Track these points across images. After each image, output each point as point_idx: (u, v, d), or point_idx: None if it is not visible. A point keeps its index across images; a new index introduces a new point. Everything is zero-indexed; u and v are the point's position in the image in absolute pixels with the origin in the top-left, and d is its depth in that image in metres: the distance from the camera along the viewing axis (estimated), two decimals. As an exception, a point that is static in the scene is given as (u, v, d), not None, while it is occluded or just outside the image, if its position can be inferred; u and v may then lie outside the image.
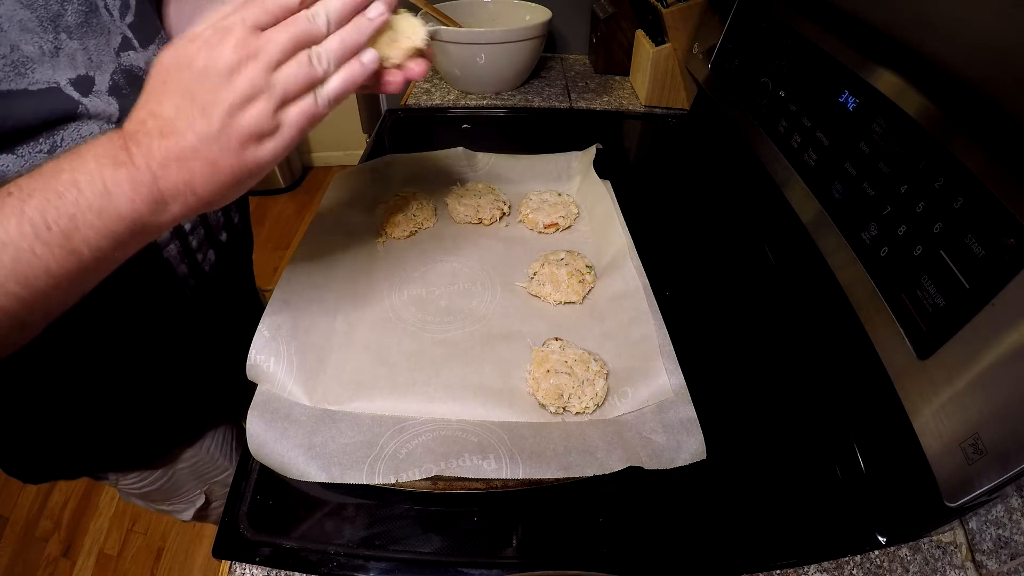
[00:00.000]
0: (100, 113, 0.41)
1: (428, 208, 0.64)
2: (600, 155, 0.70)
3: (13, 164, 0.37)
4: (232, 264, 0.59)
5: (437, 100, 0.98)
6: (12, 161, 0.37)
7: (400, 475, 0.38)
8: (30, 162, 0.38)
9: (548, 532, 0.38)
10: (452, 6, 1.00)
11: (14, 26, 0.36)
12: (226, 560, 0.36)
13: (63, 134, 0.39)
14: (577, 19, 1.13)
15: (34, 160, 0.38)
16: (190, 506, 0.70)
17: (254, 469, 0.41)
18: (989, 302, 0.33)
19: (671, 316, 0.49)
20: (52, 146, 0.39)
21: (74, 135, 0.40)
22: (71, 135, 0.40)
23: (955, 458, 0.33)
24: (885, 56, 0.48)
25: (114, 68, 0.42)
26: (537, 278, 0.55)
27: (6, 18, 0.35)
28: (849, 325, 0.45)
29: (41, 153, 0.38)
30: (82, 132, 0.40)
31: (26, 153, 0.38)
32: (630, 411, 0.43)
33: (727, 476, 0.41)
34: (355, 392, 0.44)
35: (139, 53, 0.45)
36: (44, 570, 1.21)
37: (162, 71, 0.30)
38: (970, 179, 0.36)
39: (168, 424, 0.59)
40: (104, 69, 0.42)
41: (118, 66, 0.43)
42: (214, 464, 0.67)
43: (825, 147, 0.52)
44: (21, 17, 0.36)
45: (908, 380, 0.38)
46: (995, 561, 0.36)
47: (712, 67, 0.80)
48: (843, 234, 0.48)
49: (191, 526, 1.27)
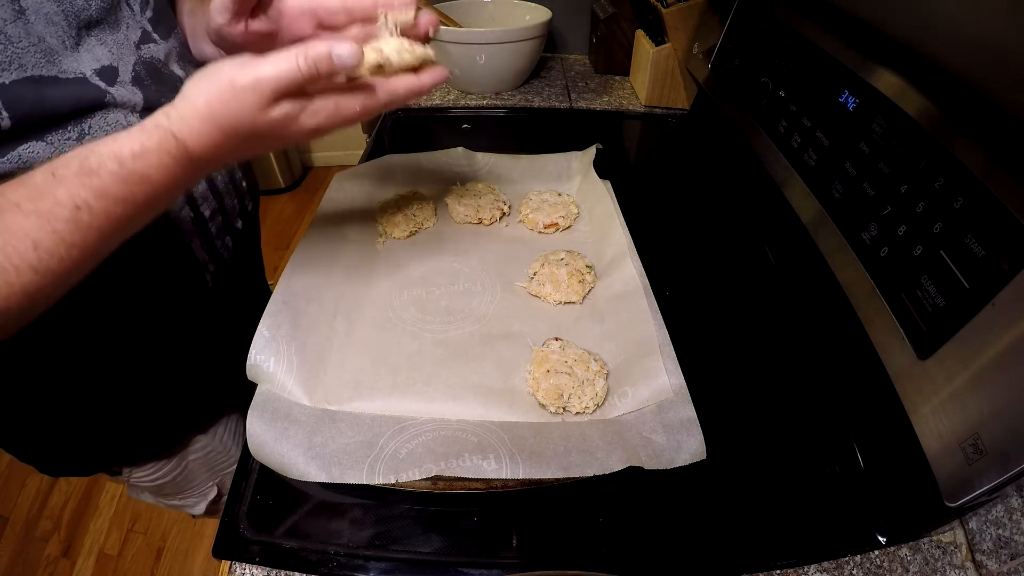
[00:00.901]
0: (126, 102, 0.42)
1: (428, 208, 0.64)
2: (600, 155, 0.70)
3: (43, 151, 0.38)
4: (246, 252, 0.60)
5: (437, 100, 0.98)
6: (42, 148, 0.38)
7: (400, 475, 0.38)
8: (59, 150, 0.39)
9: (548, 532, 0.38)
10: (452, 6, 1.00)
11: (40, 18, 0.36)
12: (226, 560, 0.36)
13: (91, 122, 0.40)
14: (577, 19, 1.13)
15: (63, 148, 0.39)
16: (202, 499, 0.70)
17: (254, 469, 0.41)
18: (989, 302, 0.33)
19: (671, 316, 0.49)
20: (80, 134, 0.39)
21: (101, 123, 0.40)
22: (98, 123, 0.40)
23: (955, 458, 0.33)
24: (885, 56, 0.48)
25: (135, 60, 0.43)
26: (537, 278, 0.55)
27: (33, 10, 0.36)
28: (849, 325, 0.45)
29: (70, 141, 0.39)
30: (108, 120, 0.41)
31: (55, 141, 0.38)
32: (630, 411, 0.43)
33: (727, 476, 0.41)
34: (355, 392, 0.44)
35: (158, 46, 0.46)
36: (44, 570, 1.21)
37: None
38: (970, 179, 0.36)
39: (182, 412, 0.60)
40: (126, 61, 0.42)
41: (138, 58, 0.44)
42: (227, 453, 0.67)
43: (825, 147, 0.52)
44: (48, 10, 0.37)
45: (908, 380, 0.38)
46: (995, 561, 0.36)
47: (712, 67, 0.80)
48: (843, 234, 0.48)
49: (191, 526, 1.27)
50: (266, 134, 0.35)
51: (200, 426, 0.63)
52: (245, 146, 0.35)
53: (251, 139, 0.35)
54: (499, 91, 1.00)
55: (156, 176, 0.32)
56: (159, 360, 0.52)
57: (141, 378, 0.52)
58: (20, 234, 0.28)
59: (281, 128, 0.35)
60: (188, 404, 0.60)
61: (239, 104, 0.33)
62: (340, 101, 0.36)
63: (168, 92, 0.46)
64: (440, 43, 0.91)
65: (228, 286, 0.55)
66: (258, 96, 0.33)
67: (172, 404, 0.57)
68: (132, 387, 0.52)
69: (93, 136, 0.40)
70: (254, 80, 0.32)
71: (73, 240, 0.30)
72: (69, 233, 0.30)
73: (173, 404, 0.57)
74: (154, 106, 0.44)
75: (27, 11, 0.35)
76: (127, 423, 0.55)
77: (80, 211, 0.30)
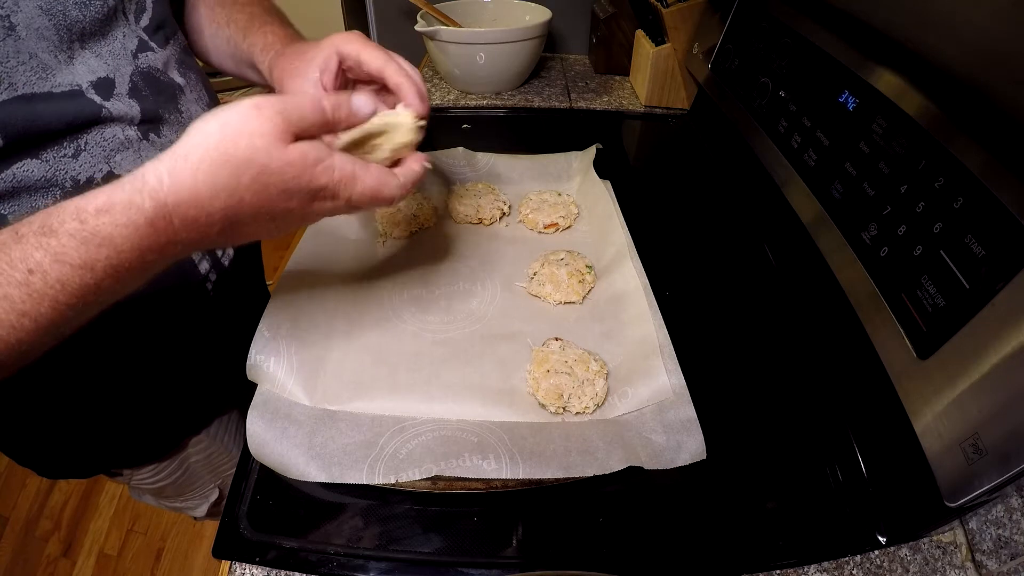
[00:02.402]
0: (123, 115, 0.41)
1: (428, 208, 0.64)
2: (600, 155, 0.70)
3: (38, 169, 0.37)
4: (246, 256, 0.60)
5: (437, 100, 0.98)
6: (37, 166, 0.37)
7: (400, 475, 0.38)
8: (55, 167, 0.38)
9: (548, 532, 0.38)
10: (452, 6, 1.00)
11: (32, 34, 0.35)
12: (226, 560, 0.36)
13: (87, 138, 0.39)
14: (577, 19, 1.13)
15: (59, 165, 0.38)
16: (203, 501, 0.70)
17: (254, 469, 0.41)
18: (989, 302, 0.33)
19: (671, 316, 0.49)
20: (76, 150, 0.39)
21: (97, 138, 0.40)
22: (95, 138, 0.40)
23: (955, 458, 0.33)
24: (885, 56, 0.48)
25: (132, 70, 0.43)
26: (537, 278, 0.55)
27: (24, 26, 0.35)
28: (849, 325, 0.45)
29: (66, 158, 0.38)
30: (105, 135, 0.40)
31: (51, 158, 0.38)
32: (630, 411, 0.43)
33: (727, 476, 0.41)
34: (355, 392, 0.44)
35: (156, 54, 0.45)
36: (44, 570, 1.21)
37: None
38: (970, 179, 0.36)
39: (181, 414, 0.60)
40: (122, 72, 0.42)
41: (135, 68, 0.43)
42: (228, 455, 0.67)
43: (825, 147, 0.52)
44: (39, 25, 0.36)
45: (908, 380, 0.38)
46: (995, 561, 0.36)
47: (712, 67, 0.80)
48: (843, 234, 0.48)
49: (191, 526, 1.27)
50: (282, 180, 0.29)
51: (200, 428, 0.63)
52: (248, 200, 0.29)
53: (257, 187, 0.29)
54: (499, 91, 1.00)
55: (120, 238, 0.27)
56: (158, 363, 0.52)
57: (140, 381, 0.52)
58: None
59: (293, 177, 0.30)
60: (187, 406, 0.60)
61: (260, 127, 0.28)
62: (357, 169, 0.32)
63: (166, 102, 0.46)
64: (440, 43, 0.91)
65: (228, 290, 0.55)
66: (282, 121, 0.29)
67: (171, 406, 0.57)
68: (131, 390, 0.52)
69: (90, 152, 0.39)
70: (281, 105, 0.29)
71: (24, 308, 0.26)
72: (20, 300, 0.26)
73: (172, 406, 0.57)
74: (152, 119, 0.44)
75: (17, 27, 0.34)
76: (126, 425, 0.55)
77: (32, 275, 0.26)
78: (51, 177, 0.38)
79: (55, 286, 0.26)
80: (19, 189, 0.37)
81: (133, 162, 0.43)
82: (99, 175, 0.41)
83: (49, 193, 0.39)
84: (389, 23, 1.31)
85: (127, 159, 0.42)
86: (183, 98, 0.48)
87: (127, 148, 0.42)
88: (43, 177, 0.38)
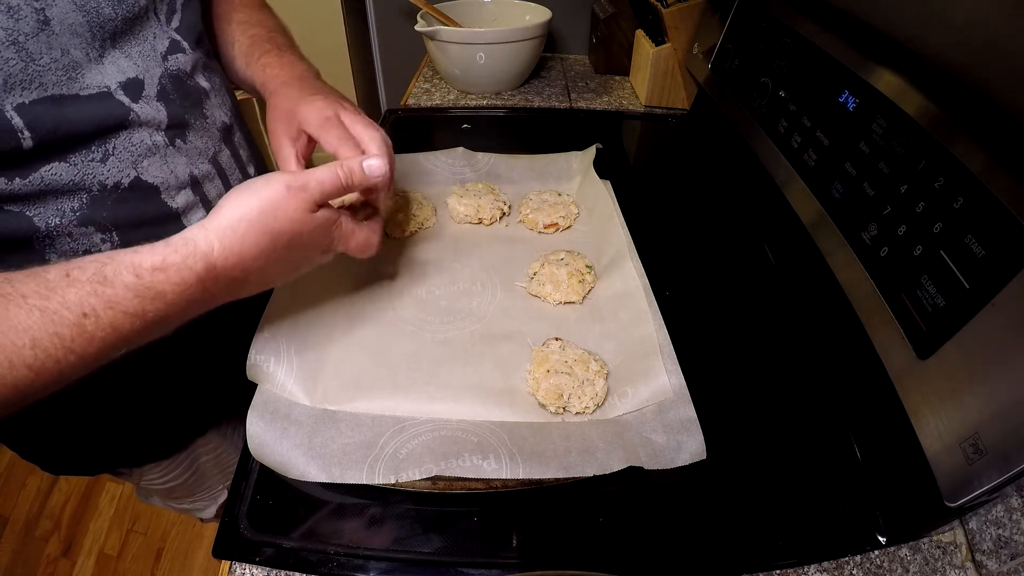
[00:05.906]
0: (150, 120, 0.41)
1: (428, 208, 0.64)
2: (600, 155, 0.70)
3: (67, 173, 0.37)
4: None
5: (437, 100, 0.98)
6: (65, 170, 0.37)
7: (400, 475, 0.38)
8: (83, 171, 0.38)
9: (548, 532, 0.38)
10: (452, 6, 1.00)
11: (65, 29, 0.35)
12: (226, 560, 0.36)
13: (115, 142, 0.40)
14: (577, 19, 1.13)
15: (87, 169, 0.38)
16: (212, 503, 0.69)
17: (254, 469, 0.41)
18: (989, 302, 0.33)
19: (671, 316, 0.49)
20: (104, 154, 0.39)
21: (125, 143, 0.40)
22: (123, 143, 0.40)
23: (955, 458, 0.33)
24: (885, 56, 0.48)
25: (161, 72, 0.43)
26: (537, 278, 0.55)
27: (58, 20, 0.35)
28: (849, 325, 0.45)
29: (94, 162, 0.38)
30: (133, 140, 0.41)
31: (79, 161, 0.38)
32: (630, 411, 0.43)
33: (727, 476, 0.41)
34: (355, 392, 0.44)
35: (187, 56, 0.45)
36: (44, 570, 1.21)
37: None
38: (970, 179, 0.36)
39: (186, 413, 0.60)
40: (152, 73, 0.42)
41: (165, 70, 0.43)
42: (238, 453, 0.66)
43: (825, 147, 0.52)
44: (73, 21, 0.36)
45: (908, 380, 0.38)
46: (995, 561, 0.36)
47: (712, 67, 0.80)
48: (843, 234, 0.48)
49: (191, 526, 1.27)
50: (307, 241, 0.37)
51: (206, 428, 0.63)
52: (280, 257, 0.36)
53: (290, 247, 0.36)
54: (499, 91, 1.00)
55: (172, 294, 0.31)
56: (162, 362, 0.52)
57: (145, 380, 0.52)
58: (20, 328, 0.27)
59: (320, 234, 0.38)
60: (192, 406, 0.59)
61: (293, 204, 0.35)
62: (355, 226, 0.41)
63: (192, 106, 0.46)
64: (440, 43, 0.91)
65: None
66: (310, 196, 0.35)
67: (176, 406, 0.57)
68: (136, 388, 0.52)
69: (118, 156, 0.40)
70: (306, 183, 0.35)
71: (73, 347, 0.29)
72: (71, 339, 0.28)
73: (177, 406, 0.57)
74: (178, 123, 0.44)
75: (52, 21, 0.35)
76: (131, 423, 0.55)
77: (87, 319, 0.29)
78: (79, 181, 0.38)
79: (106, 329, 0.30)
80: (46, 192, 0.37)
81: (160, 168, 0.43)
82: (127, 180, 0.41)
83: (76, 196, 0.39)
84: (389, 23, 1.31)
85: (154, 165, 0.43)
86: (208, 103, 0.48)
87: (154, 154, 0.43)
88: (71, 181, 0.38)
